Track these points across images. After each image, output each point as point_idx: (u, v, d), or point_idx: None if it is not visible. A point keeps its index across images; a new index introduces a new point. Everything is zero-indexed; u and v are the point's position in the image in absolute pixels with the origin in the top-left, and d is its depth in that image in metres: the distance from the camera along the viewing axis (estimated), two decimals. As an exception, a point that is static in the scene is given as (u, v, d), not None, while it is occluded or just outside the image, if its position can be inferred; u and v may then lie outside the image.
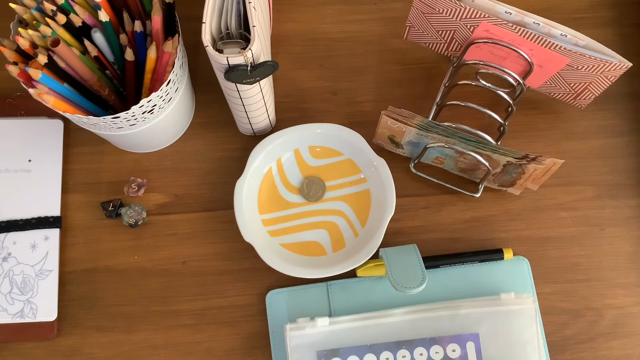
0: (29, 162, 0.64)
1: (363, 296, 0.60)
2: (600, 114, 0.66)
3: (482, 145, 0.56)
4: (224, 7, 0.53)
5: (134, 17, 0.56)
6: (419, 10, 0.59)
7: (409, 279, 0.55)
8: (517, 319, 0.57)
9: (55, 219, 0.62)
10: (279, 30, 0.69)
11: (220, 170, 0.65)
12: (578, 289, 0.62)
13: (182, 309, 0.61)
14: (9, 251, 0.61)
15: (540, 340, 0.57)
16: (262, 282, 0.62)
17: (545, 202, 0.64)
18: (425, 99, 0.67)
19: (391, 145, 0.63)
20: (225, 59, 0.49)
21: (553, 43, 0.55)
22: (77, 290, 0.62)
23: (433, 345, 0.57)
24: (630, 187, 0.64)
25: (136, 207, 0.63)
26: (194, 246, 0.63)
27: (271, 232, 0.62)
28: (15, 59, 0.53)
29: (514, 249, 0.62)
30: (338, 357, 0.56)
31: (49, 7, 0.53)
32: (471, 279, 0.61)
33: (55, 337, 0.60)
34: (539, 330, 0.58)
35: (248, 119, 0.60)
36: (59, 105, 0.52)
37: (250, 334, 0.61)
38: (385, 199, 0.61)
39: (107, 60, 0.58)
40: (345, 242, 0.62)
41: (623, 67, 0.55)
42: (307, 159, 0.64)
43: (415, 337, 0.57)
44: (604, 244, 0.63)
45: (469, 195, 0.64)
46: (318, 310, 0.60)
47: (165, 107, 0.58)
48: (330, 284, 0.60)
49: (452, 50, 0.63)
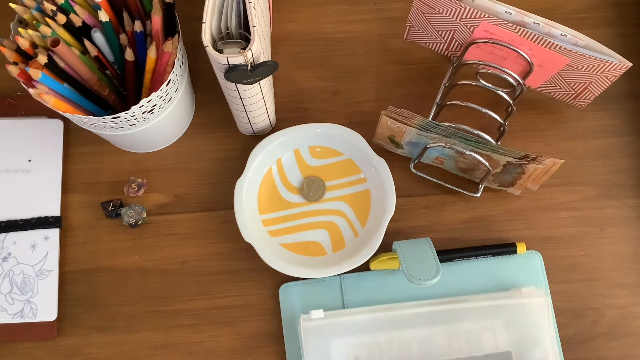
0: (29, 162, 0.64)
1: (376, 289, 0.60)
2: (600, 114, 0.66)
3: (482, 145, 0.56)
4: (224, 7, 0.53)
5: (134, 17, 0.56)
6: (419, 10, 0.59)
7: (423, 271, 0.55)
8: (531, 313, 0.58)
9: (55, 219, 0.62)
10: (279, 30, 0.69)
11: (220, 170, 0.65)
12: (578, 289, 0.62)
13: (182, 309, 0.61)
14: (9, 251, 0.61)
15: (553, 334, 0.58)
16: (262, 282, 0.62)
17: (545, 202, 0.64)
18: (425, 99, 0.67)
19: (391, 145, 0.63)
20: (225, 59, 0.49)
21: (553, 43, 0.55)
22: (77, 290, 0.62)
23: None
24: (630, 187, 0.64)
25: (136, 207, 0.63)
26: (194, 246, 0.63)
27: (271, 232, 0.62)
28: (15, 59, 0.53)
29: (514, 249, 0.62)
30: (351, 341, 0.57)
31: (49, 7, 0.53)
32: (484, 273, 0.61)
33: (55, 337, 0.60)
34: (552, 323, 0.59)
35: (248, 119, 0.60)
36: (59, 105, 0.52)
37: (251, 334, 0.61)
38: (385, 199, 0.61)
39: (107, 60, 0.58)
40: (345, 242, 0.62)
41: (623, 67, 0.55)
42: (307, 159, 0.64)
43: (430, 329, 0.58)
44: (604, 244, 0.63)
45: (469, 195, 0.64)
46: (331, 303, 0.60)
47: (165, 107, 0.58)
48: (343, 277, 0.61)
49: (452, 50, 0.63)
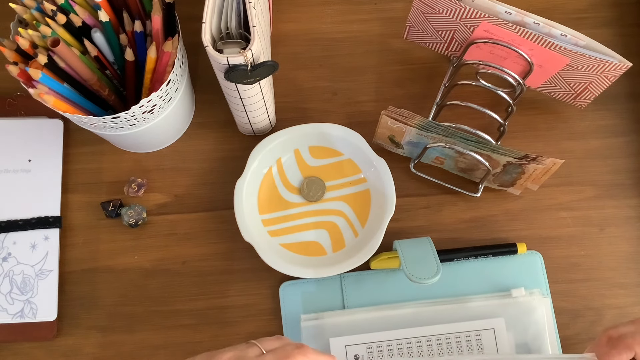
0: (29, 162, 0.64)
1: (376, 289, 0.60)
2: (600, 114, 0.66)
3: (482, 145, 0.56)
4: (224, 7, 0.53)
5: (134, 17, 0.56)
6: (419, 10, 0.59)
7: (424, 269, 0.56)
8: (532, 313, 0.58)
9: (55, 219, 0.62)
10: (279, 30, 0.69)
11: (220, 170, 0.65)
12: (578, 289, 0.62)
13: (182, 309, 0.61)
14: (9, 251, 0.61)
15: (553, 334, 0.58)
16: (262, 282, 0.62)
17: (545, 202, 0.64)
18: (425, 99, 0.67)
19: (391, 145, 0.63)
20: (225, 59, 0.49)
21: (553, 43, 0.55)
22: (77, 290, 0.62)
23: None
24: (630, 187, 0.64)
25: (136, 207, 0.63)
26: (194, 246, 0.63)
27: (271, 232, 0.62)
28: (15, 59, 0.53)
29: (514, 249, 0.62)
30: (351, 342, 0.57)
31: (49, 7, 0.53)
32: (484, 273, 0.61)
33: (55, 337, 0.60)
34: (552, 323, 0.59)
35: (248, 119, 0.60)
36: (59, 105, 0.52)
37: (251, 334, 0.61)
38: (385, 199, 0.61)
39: (107, 60, 0.58)
40: (345, 242, 0.62)
41: (623, 67, 0.55)
42: (307, 159, 0.64)
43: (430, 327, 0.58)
44: (604, 244, 0.63)
45: (469, 195, 0.64)
46: (331, 303, 0.60)
47: (165, 107, 0.58)
48: (343, 277, 0.61)
49: (452, 50, 0.63)
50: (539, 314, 0.58)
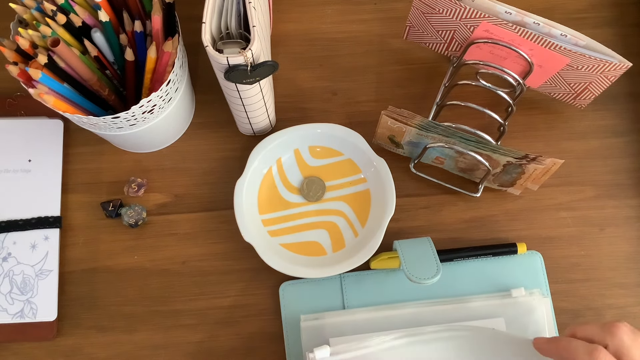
0: (29, 162, 0.64)
1: (376, 289, 0.60)
2: (600, 114, 0.66)
3: (482, 145, 0.56)
4: (224, 7, 0.53)
5: (134, 17, 0.56)
6: (419, 10, 0.59)
7: (424, 269, 0.55)
8: (532, 313, 0.58)
9: (55, 219, 0.62)
10: (279, 30, 0.69)
11: (220, 170, 0.65)
12: (578, 289, 0.62)
13: (182, 309, 0.61)
14: (9, 251, 0.61)
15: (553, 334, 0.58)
16: (262, 282, 0.62)
17: (545, 202, 0.64)
18: (425, 99, 0.67)
19: (391, 145, 0.63)
20: (225, 59, 0.49)
21: (553, 43, 0.55)
22: (77, 290, 0.62)
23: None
24: (630, 187, 0.64)
25: (136, 207, 0.63)
26: (194, 246, 0.63)
27: (271, 232, 0.62)
28: (15, 59, 0.53)
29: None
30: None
31: (49, 7, 0.53)
32: (484, 273, 0.61)
33: (55, 337, 0.60)
34: (552, 323, 0.59)
35: (248, 119, 0.60)
36: (59, 105, 0.52)
37: (251, 333, 0.61)
38: (385, 199, 0.61)
39: (107, 60, 0.58)
40: (345, 242, 0.62)
41: (623, 67, 0.55)
42: (307, 159, 0.64)
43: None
44: (604, 244, 0.63)
45: (469, 195, 0.64)
46: (331, 303, 0.60)
47: (165, 107, 0.58)
48: (343, 277, 0.61)
49: (452, 50, 0.63)
50: (539, 314, 0.58)
